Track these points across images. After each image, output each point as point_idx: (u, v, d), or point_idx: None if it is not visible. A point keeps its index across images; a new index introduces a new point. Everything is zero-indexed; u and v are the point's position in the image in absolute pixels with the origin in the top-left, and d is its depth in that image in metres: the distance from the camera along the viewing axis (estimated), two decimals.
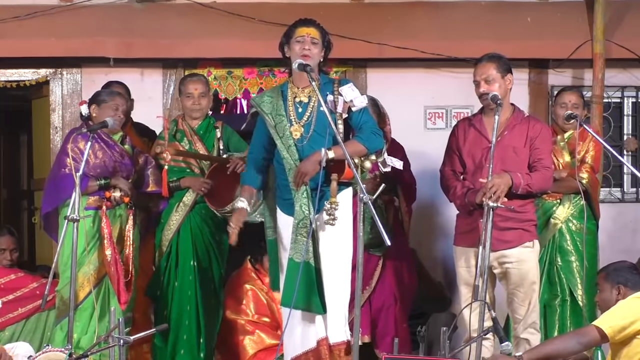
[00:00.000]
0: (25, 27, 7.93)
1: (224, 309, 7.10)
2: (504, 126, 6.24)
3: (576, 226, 7.03)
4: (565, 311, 7.03)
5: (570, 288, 7.01)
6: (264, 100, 5.89)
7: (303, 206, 5.69)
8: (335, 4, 8.26)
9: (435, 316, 7.74)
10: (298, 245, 5.68)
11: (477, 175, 6.21)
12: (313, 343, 5.77)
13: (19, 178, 11.40)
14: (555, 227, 7.02)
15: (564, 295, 7.03)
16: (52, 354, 5.63)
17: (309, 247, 5.65)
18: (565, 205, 7.03)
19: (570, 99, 7.08)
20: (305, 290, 5.64)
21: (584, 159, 7.07)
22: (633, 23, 8.33)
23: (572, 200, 7.01)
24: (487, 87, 6.19)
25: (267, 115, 5.82)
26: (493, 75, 6.19)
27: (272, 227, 5.96)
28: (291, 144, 5.78)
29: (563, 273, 7.02)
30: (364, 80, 8.31)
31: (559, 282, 7.03)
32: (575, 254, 7.02)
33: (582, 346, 4.91)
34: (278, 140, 5.79)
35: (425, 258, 8.04)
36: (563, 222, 7.02)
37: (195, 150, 7.07)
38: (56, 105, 8.23)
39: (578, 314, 7.00)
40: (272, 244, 5.98)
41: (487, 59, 6.27)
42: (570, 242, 7.03)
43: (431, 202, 7.92)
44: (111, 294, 6.66)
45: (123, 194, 6.63)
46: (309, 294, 5.65)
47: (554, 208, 7.02)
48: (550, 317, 6.99)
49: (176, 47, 8.05)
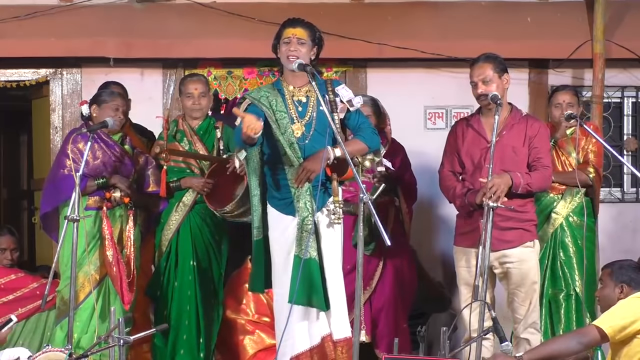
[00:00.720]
0: (25, 27, 7.93)
1: (224, 309, 7.10)
2: (503, 126, 6.24)
3: (576, 222, 7.04)
4: (570, 306, 7.03)
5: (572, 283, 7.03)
6: (261, 95, 5.84)
7: (307, 203, 5.69)
8: (335, 4, 8.26)
9: (435, 316, 7.74)
10: (304, 242, 5.68)
11: (476, 176, 6.21)
12: (317, 340, 5.78)
13: (19, 178, 11.40)
14: (556, 221, 7.03)
15: (569, 290, 7.03)
16: (52, 354, 5.63)
17: (313, 243, 5.66)
18: (567, 200, 7.03)
19: (564, 99, 7.06)
20: (310, 286, 5.65)
21: (587, 157, 7.07)
22: (633, 23, 8.33)
23: (574, 196, 7.02)
24: (485, 88, 6.18)
25: (268, 109, 5.80)
26: (490, 76, 6.19)
27: (259, 227, 5.94)
28: (293, 141, 5.77)
29: (566, 268, 7.03)
30: (364, 80, 8.31)
31: (563, 276, 7.03)
32: (575, 249, 7.03)
33: (582, 346, 4.90)
34: (280, 136, 5.77)
35: (425, 258, 8.04)
36: (564, 218, 7.03)
37: (195, 150, 7.08)
38: (56, 105, 8.23)
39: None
40: (258, 244, 5.96)
41: (483, 60, 6.25)
42: (570, 238, 7.04)
43: (431, 202, 7.92)
44: (112, 294, 6.66)
45: (123, 194, 6.63)
46: (313, 291, 5.65)
47: (555, 203, 7.03)
48: (556, 312, 7.00)
49: (176, 47, 8.04)
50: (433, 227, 8.20)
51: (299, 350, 5.79)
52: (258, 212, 5.92)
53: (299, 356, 5.78)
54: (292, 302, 5.64)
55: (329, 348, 5.76)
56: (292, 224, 5.75)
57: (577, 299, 7.02)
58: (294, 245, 5.73)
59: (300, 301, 5.66)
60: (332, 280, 5.76)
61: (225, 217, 6.67)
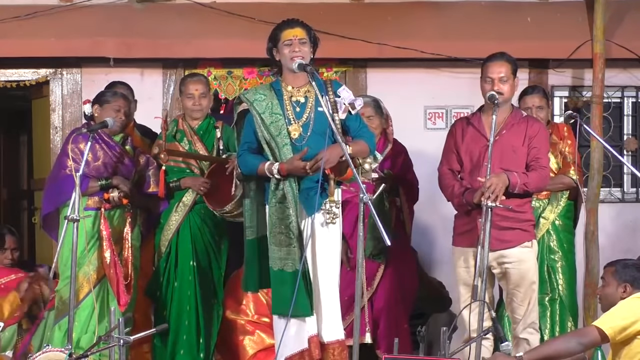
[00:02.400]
0: (25, 27, 7.93)
1: (224, 309, 7.10)
2: (503, 125, 6.23)
3: (561, 225, 7.07)
4: (555, 310, 7.04)
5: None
6: (256, 97, 5.83)
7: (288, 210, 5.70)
8: (335, 4, 8.26)
9: (435, 316, 7.73)
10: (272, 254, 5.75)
11: (475, 174, 6.21)
12: (306, 343, 5.78)
13: (19, 178, 11.40)
14: (544, 226, 7.05)
15: (554, 295, 7.05)
16: (52, 354, 5.63)
17: (286, 255, 5.70)
18: (553, 204, 7.06)
19: (533, 103, 7.01)
20: (289, 297, 5.67)
21: (566, 160, 7.06)
22: (633, 23, 8.33)
23: (559, 200, 7.03)
24: (500, 87, 6.16)
25: (258, 115, 5.78)
26: (508, 75, 6.17)
27: (251, 227, 5.95)
28: (287, 142, 5.75)
29: (552, 272, 7.04)
30: (364, 80, 8.31)
31: (549, 280, 7.05)
32: (560, 253, 7.06)
33: (582, 346, 4.90)
34: (272, 140, 5.75)
35: (425, 258, 8.04)
36: (550, 222, 7.04)
37: (196, 150, 7.07)
38: (56, 105, 8.23)
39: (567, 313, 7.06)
40: (251, 243, 5.96)
41: (505, 59, 6.22)
42: (556, 242, 7.07)
43: (431, 202, 7.90)
44: (110, 294, 6.66)
45: (122, 195, 6.63)
46: (289, 301, 5.68)
47: (542, 208, 7.03)
48: (542, 316, 6.96)
49: (176, 47, 8.04)
50: (433, 227, 8.20)
51: (291, 352, 5.80)
52: (249, 212, 5.93)
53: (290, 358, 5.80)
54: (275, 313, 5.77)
55: (314, 349, 5.74)
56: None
57: (561, 303, 7.05)
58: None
59: (282, 312, 5.72)
60: (324, 283, 5.77)
61: (224, 217, 6.67)
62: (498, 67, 6.18)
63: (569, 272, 7.07)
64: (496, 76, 6.16)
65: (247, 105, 5.83)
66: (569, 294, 7.05)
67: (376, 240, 6.73)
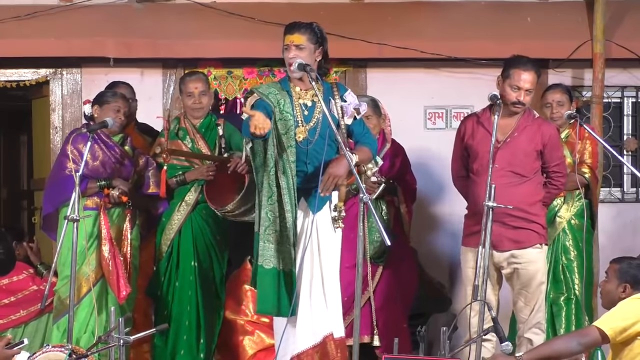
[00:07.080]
0: (25, 27, 7.92)
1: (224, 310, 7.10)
2: (515, 127, 6.24)
3: (577, 224, 7.05)
4: (570, 309, 7.03)
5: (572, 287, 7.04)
6: (270, 91, 5.80)
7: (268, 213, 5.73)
8: (335, 4, 8.26)
9: (435, 316, 7.74)
10: (263, 252, 5.78)
11: (482, 176, 6.18)
12: (320, 338, 5.78)
13: (19, 178, 11.41)
14: (560, 225, 7.03)
15: (570, 294, 7.03)
16: (52, 353, 5.63)
17: (274, 252, 5.73)
18: (569, 204, 7.04)
19: (553, 98, 7.06)
20: (277, 295, 5.71)
21: (583, 158, 7.07)
22: (633, 23, 8.33)
23: (575, 199, 7.02)
24: (526, 98, 6.16)
25: (275, 107, 5.74)
26: (534, 87, 6.18)
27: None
28: (292, 144, 5.74)
29: (567, 271, 7.03)
30: (364, 80, 8.31)
31: (564, 280, 7.04)
32: (576, 253, 7.03)
33: (582, 347, 4.91)
34: (282, 136, 5.72)
35: (425, 258, 8.03)
36: (566, 221, 7.04)
37: (198, 147, 7.07)
38: (56, 105, 8.23)
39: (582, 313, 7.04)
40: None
41: (534, 67, 6.20)
42: (572, 241, 7.05)
43: (430, 202, 7.92)
44: (109, 293, 6.66)
45: (121, 193, 6.63)
46: (277, 299, 5.71)
47: (558, 207, 7.03)
48: (558, 315, 6.99)
49: (176, 47, 8.04)
50: (433, 227, 8.19)
51: (302, 349, 5.79)
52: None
53: (300, 355, 5.79)
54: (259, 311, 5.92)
55: (331, 347, 5.76)
56: (299, 217, 5.75)
57: (577, 302, 7.03)
58: (302, 238, 5.74)
59: (266, 310, 5.81)
60: (328, 281, 5.77)
61: (226, 216, 6.67)
62: (527, 76, 6.16)
63: (584, 271, 7.02)
64: (523, 84, 6.16)
65: (261, 97, 5.76)
66: (584, 293, 7.02)
67: (376, 243, 6.74)
